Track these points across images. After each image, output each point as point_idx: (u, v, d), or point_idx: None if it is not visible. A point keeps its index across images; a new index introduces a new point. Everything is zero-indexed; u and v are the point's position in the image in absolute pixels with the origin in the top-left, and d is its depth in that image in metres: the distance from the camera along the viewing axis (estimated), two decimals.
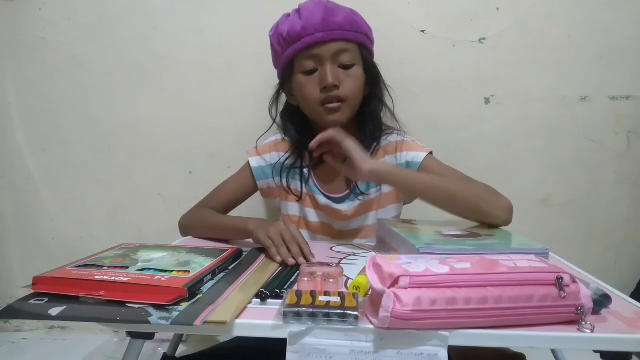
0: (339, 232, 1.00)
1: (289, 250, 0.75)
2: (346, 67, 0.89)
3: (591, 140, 1.25)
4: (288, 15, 0.91)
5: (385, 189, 0.98)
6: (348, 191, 0.98)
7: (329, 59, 0.87)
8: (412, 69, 1.21)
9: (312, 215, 1.01)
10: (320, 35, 0.85)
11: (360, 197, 0.97)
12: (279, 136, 1.03)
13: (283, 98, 1.01)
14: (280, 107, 1.02)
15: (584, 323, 0.50)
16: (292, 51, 0.88)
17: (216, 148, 1.27)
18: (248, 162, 1.02)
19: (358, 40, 0.90)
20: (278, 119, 1.01)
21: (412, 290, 0.48)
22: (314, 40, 0.86)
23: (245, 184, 1.02)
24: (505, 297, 0.49)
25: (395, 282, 0.48)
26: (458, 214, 0.81)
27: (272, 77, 1.02)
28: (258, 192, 1.05)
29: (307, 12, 0.87)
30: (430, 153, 0.96)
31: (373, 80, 0.95)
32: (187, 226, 0.96)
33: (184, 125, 1.27)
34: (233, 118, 1.26)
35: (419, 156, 0.94)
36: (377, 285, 0.49)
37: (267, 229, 0.78)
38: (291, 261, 0.72)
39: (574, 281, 0.51)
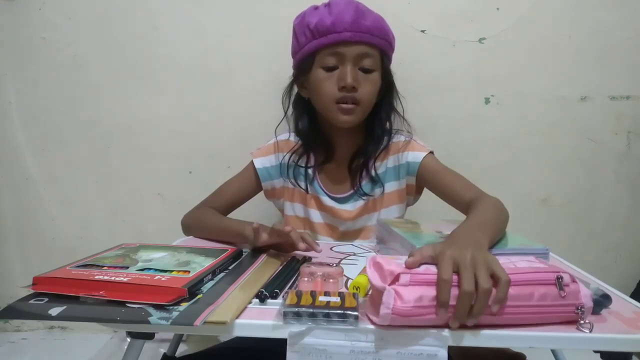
0: (343, 232, 1.00)
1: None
2: (366, 71, 0.89)
3: (591, 140, 1.25)
4: (316, 7, 0.91)
5: (389, 189, 0.98)
6: (352, 191, 0.98)
7: (351, 59, 0.87)
8: (412, 69, 1.21)
9: (316, 217, 1.01)
10: (349, 35, 0.85)
11: (364, 197, 0.98)
12: (284, 136, 1.03)
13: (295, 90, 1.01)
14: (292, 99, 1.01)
15: (582, 322, 0.49)
16: (317, 44, 0.88)
17: (216, 148, 1.27)
18: (252, 163, 1.01)
19: (382, 46, 0.90)
20: (289, 111, 1.01)
21: (413, 287, 0.48)
22: (341, 39, 0.85)
23: (248, 185, 1.02)
24: None
25: (395, 279, 0.48)
26: None
27: (271, 77, 1.02)
28: (261, 193, 1.05)
29: (338, 8, 0.86)
30: (431, 152, 0.96)
31: (387, 88, 0.96)
32: (189, 226, 0.96)
33: (184, 125, 1.27)
34: (233, 118, 1.26)
35: (419, 156, 0.94)
36: (378, 282, 0.49)
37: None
38: (301, 246, 0.74)
39: (573, 281, 0.51)
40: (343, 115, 0.90)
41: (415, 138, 0.99)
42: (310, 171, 0.99)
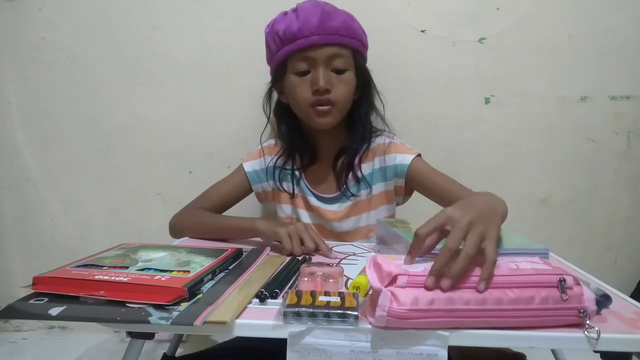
0: (331, 233, 1.00)
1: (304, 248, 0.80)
2: (339, 72, 0.90)
3: (591, 140, 1.25)
4: (285, 13, 0.92)
5: (376, 190, 0.98)
6: (339, 192, 0.98)
7: (322, 62, 0.88)
8: (412, 69, 1.21)
9: (304, 217, 1.01)
10: (316, 39, 0.86)
11: (351, 198, 0.98)
12: (272, 141, 1.05)
13: (275, 95, 1.02)
14: (273, 105, 1.03)
15: (589, 327, 0.49)
16: (287, 51, 0.89)
17: (216, 148, 1.27)
18: (242, 166, 1.03)
19: (352, 45, 0.90)
20: (272, 117, 1.02)
21: (410, 289, 0.48)
22: (309, 43, 0.86)
23: (239, 187, 1.03)
24: (505, 299, 0.48)
25: (393, 280, 0.48)
26: None
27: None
28: (251, 194, 1.05)
29: (304, 13, 0.87)
30: (419, 155, 0.96)
31: (364, 85, 0.96)
32: (182, 227, 0.96)
33: (184, 125, 1.27)
34: (233, 118, 1.26)
35: (407, 159, 0.94)
36: (376, 283, 0.49)
37: (285, 227, 0.82)
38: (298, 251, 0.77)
39: (577, 283, 0.50)
40: (320, 118, 0.91)
41: (402, 140, 0.99)
42: (297, 172, 1.01)
